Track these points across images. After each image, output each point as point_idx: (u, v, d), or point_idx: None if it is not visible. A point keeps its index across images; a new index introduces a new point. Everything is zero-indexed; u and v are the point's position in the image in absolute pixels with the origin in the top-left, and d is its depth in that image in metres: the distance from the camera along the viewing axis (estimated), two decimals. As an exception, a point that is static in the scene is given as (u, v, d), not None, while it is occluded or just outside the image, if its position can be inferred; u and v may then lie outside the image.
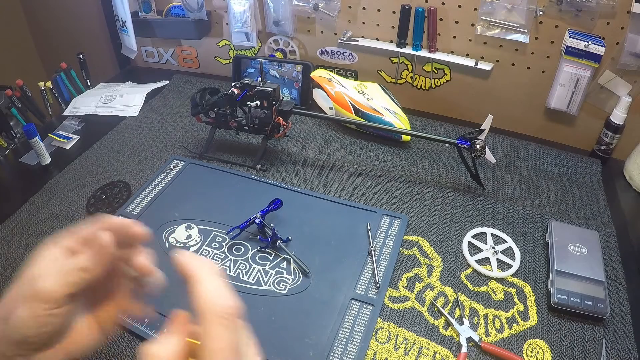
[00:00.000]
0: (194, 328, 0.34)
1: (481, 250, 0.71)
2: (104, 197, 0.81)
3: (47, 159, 0.91)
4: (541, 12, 0.86)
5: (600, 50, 0.82)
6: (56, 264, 0.37)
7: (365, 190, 0.83)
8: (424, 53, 0.99)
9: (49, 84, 1.06)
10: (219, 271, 0.33)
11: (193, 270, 0.33)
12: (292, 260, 0.68)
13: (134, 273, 0.42)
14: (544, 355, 0.58)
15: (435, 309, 0.63)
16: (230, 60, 1.21)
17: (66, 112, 1.07)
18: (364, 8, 1.00)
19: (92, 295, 0.40)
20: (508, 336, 0.60)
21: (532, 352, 0.58)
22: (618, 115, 0.87)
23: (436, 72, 1.03)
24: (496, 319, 0.62)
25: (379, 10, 0.99)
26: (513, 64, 0.95)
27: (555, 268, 0.66)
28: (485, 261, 0.70)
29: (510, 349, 0.58)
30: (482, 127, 0.78)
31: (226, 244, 0.71)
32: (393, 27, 1.00)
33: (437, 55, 0.98)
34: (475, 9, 0.91)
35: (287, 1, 1.03)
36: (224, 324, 0.30)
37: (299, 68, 1.05)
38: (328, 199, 0.80)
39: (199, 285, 0.32)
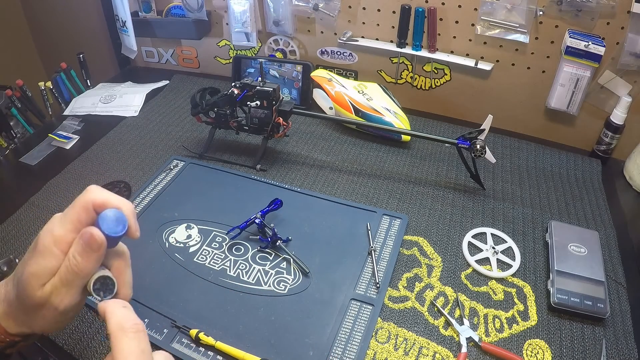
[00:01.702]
0: None
1: (481, 250, 0.71)
2: (104, 197, 0.81)
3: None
4: (541, 12, 0.86)
5: (600, 50, 0.82)
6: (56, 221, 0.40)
7: (365, 190, 0.83)
8: (424, 53, 0.99)
9: (49, 84, 1.06)
10: (126, 304, 0.39)
11: (105, 308, 0.37)
12: (292, 260, 0.68)
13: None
14: (544, 355, 0.58)
15: (435, 309, 0.63)
16: (230, 60, 1.21)
17: (66, 112, 1.07)
18: (364, 8, 1.00)
19: None
20: (508, 336, 0.60)
21: (532, 352, 0.58)
22: (618, 115, 0.87)
23: (436, 72, 1.03)
24: (496, 319, 0.62)
25: (379, 10, 0.99)
26: (513, 64, 0.95)
27: (555, 268, 0.66)
28: (485, 261, 0.70)
29: (510, 349, 0.58)
30: (482, 127, 0.78)
31: (226, 244, 0.71)
32: (393, 27, 1.00)
33: (437, 55, 0.98)
34: (475, 9, 0.91)
35: (287, 1, 1.03)
36: (129, 336, 0.35)
37: (299, 68, 1.05)
38: (328, 199, 0.80)
39: (109, 315, 0.37)
